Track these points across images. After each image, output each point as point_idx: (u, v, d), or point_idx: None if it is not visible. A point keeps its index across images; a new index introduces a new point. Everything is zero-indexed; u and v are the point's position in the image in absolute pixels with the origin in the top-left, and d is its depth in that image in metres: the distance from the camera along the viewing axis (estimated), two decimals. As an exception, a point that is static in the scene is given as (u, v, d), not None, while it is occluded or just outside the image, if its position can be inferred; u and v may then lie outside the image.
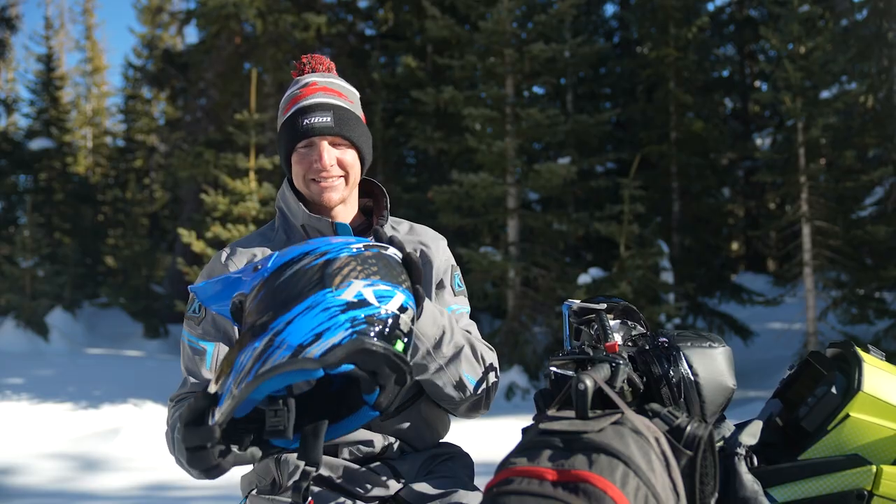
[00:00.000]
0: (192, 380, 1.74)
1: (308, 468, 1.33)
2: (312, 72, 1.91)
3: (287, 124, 1.82)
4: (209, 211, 10.48)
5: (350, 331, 1.24)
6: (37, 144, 18.20)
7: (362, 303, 1.27)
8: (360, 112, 1.89)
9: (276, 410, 1.26)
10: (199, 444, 1.25)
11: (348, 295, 1.27)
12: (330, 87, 1.85)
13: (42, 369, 10.37)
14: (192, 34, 47.75)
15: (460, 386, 1.70)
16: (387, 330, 1.28)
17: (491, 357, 1.80)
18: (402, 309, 1.32)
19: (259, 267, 1.34)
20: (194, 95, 16.77)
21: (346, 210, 1.88)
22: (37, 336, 12.68)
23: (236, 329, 1.27)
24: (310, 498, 1.39)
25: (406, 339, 1.32)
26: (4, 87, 26.19)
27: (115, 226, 19.03)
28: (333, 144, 1.80)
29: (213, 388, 1.27)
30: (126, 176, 20.61)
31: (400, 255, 1.40)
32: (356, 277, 1.29)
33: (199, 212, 12.75)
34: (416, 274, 1.39)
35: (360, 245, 1.35)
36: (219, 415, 1.23)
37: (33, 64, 24.98)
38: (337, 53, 14.61)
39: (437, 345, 1.63)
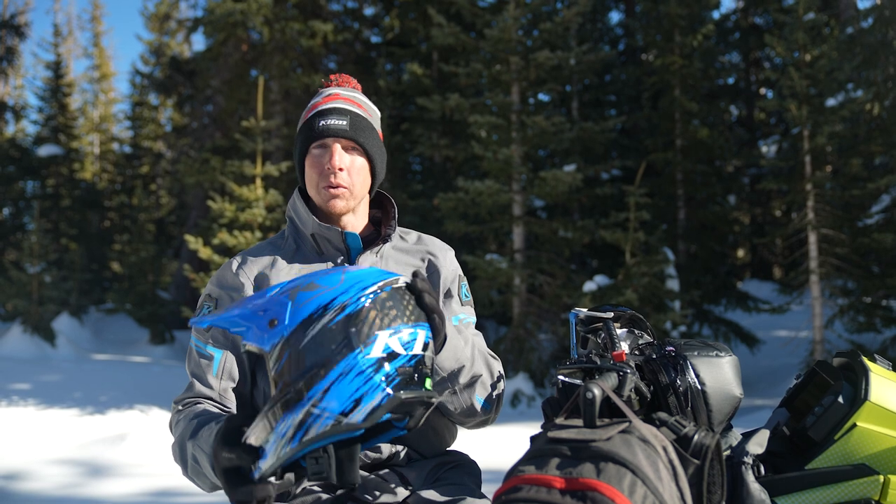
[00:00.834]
0: (198, 384, 1.74)
1: (348, 484, 1.36)
2: (338, 87, 1.93)
3: (304, 128, 1.84)
4: (216, 217, 10.51)
5: (386, 390, 1.28)
6: (45, 151, 18.27)
7: (391, 356, 1.30)
8: (378, 128, 1.91)
9: (317, 458, 1.30)
10: (245, 498, 1.31)
11: (377, 351, 1.29)
12: (351, 99, 1.87)
13: (48, 375, 10.39)
14: (199, 41, 48.05)
15: (471, 410, 1.73)
16: (416, 376, 1.33)
17: (500, 377, 1.82)
18: (425, 346, 1.36)
19: (276, 322, 1.31)
20: (201, 102, 16.84)
21: (356, 220, 1.89)
22: (43, 342, 12.71)
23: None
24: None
25: (431, 374, 1.37)
26: (13, 94, 26.34)
27: (122, 232, 19.10)
28: (346, 149, 1.82)
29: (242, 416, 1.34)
30: (133, 182, 20.68)
31: (408, 280, 1.42)
32: (380, 329, 1.31)
33: (206, 218, 12.78)
34: (430, 305, 1.40)
35: (375, 288, 1.35)
36: (265, 468, 1.28)
37: (41, 71, 25.15)
38: (343, 61, 14.68)
39: (455, 375, 1.65)
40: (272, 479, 1.33)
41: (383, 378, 1.28)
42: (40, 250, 13.66)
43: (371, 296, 1.33)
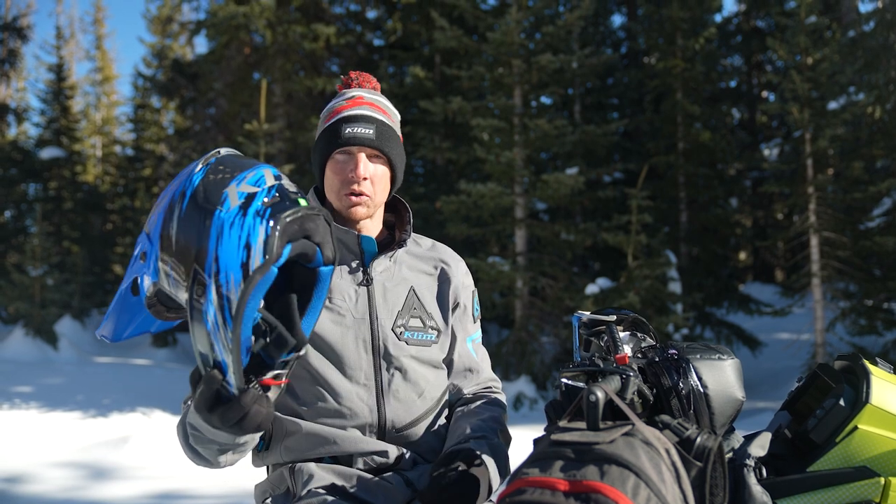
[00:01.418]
0: None
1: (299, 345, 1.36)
2: (359, 87, 1.92)
3: (328, 131, 1.83)
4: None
5: (264, 221, 1.27)
6: (47, 153, 18.29)
7: (249, 196, 1.29)
8: (399, 132, 1.92)
9: (263, 334, 1.31)
10: (239, 416, 1.30)
11: (234, 201, 1.28)
12: (375, 104, 1.87)
13: (51, 378, 10.40)
14: (201, 44, 48.09)
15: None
16: (287, 202, 1.31)
17: (505, 422, 1.89)
18: (278, 177, 1.36)
19: (144, 252, 1.32)
20: (203, 105, 16.86)
21: (372, 224, 1.90)
22: (45, 344, 12.72)
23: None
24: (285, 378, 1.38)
25: (301, 194, 1.36)
26: (15, 97, 26.39)
27: (124, 234, 19.10)
28: (370, 158, 1.82)
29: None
30: (135, 185, 20.69)
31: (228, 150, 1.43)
32: (224, 186, 1.30)
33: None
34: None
35: (200, 165, 1.36)
36: (234, 380, 1.26)
37: (44, 73, 25.23)
38: (345, 64, 14.69)
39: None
40: (251, 386, 1.31)
41: (256, 214, 1.27)
42: (42, 253, 13.67)
43: (200, 172, 1.34)
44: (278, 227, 1.26)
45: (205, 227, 1.26)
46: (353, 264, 1.83)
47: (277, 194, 1.31)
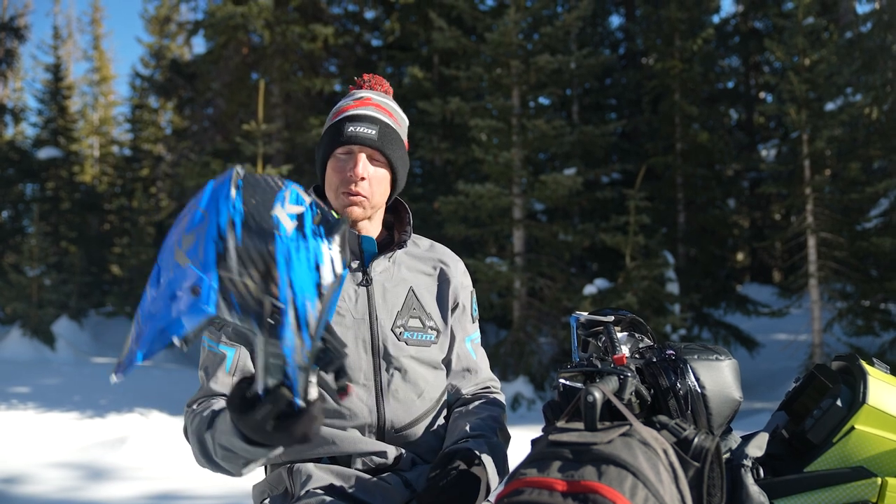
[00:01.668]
0: (210, 383, 1.73)
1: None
2: (370, 89, 1.92)
3: (331, 130, 1.84)
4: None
5: (324, 240, 1.29)
6: (44, 153, 18.27)
7: (300, 217, 1.30)
8: (405, 137, 1.91)
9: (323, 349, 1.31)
10: (306, 430, 1.30)
11: (288, 224, 1.29)
12: (382, 106, 1.87)
13: (48, 378, 10.39)
14: (199, 44, 48.08)
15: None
16: (325, 214, 1.34)
17: (504, 422, 1.89)
18: (306, 192, 1.37)
19: (198, 288, 1.24)
20: (201, 105, 16.85)
21: (371, 225, 1.90)
22: (43, 345, 12.71)
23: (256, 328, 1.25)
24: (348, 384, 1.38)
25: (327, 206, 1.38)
26: (12, 97, 26.36)
27: (122, 235, 19.09)
28: (371, 159, 1.82)
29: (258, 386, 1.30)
30: (133, 185, 20.67)
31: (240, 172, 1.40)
32: (270, 209, 1.30)
33: (206, 221, 12.76)
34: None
35: (232, 189, 1.31)
36: (302, 391, 1.27)
37: (41, 73, 25.17)
38: (344, 64, 14.69)
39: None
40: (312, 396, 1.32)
41: (314, 234, 1.30)
42: (40, 253, 13.66)
43: (237, 197, 1.30)
44: (337, 244, 1.31)
45: (269, 254, 1.26)
46: (354, 265, 1.84)
47: (319, 211, 1.34)
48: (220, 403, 1.67)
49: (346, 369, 1.34)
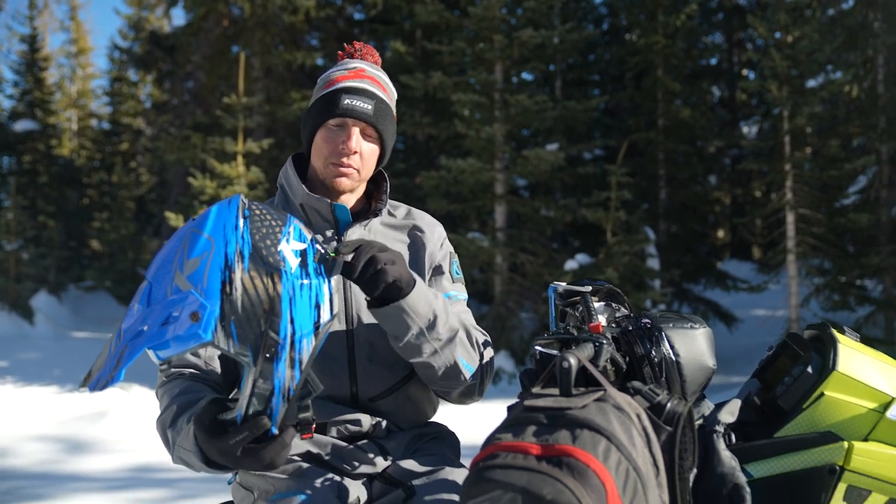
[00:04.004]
0: (185, 353, 1.73)
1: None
2: (361, 59, 1.90)
3: (325, 99, 1.80)
4: (196, 195, 10.44)
5: (325, 279, 1.37)
6: (20, 126, 18.04)
7: (303, 254, 1.36)
8: (395, 111, 1.90)
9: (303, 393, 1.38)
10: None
11: (293, 260, 1.34)
12: (376, 79, 1.85)
13: (27, 352, 10.34)
14: (178, 16, 47.38)
15: (455, 370, 1.70)
16: (326, 252, 1.41)
17: (488, 346, 1.81)
18: (305, 226, 1.43)
19: (198, 314, 1.23)
20: (181, 78, 16.64)
21: (353, 196, 1.89)
22: (21, 319, 12.64)
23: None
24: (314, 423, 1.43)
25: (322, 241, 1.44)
26: (-12, 68, 25.89)
27: (101, 209, 18.91)
28: (364, 133, 1.80)
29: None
30: (112, 159, 20.44)
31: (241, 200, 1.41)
32: (277, 244, 1.34)
33: (187, 195, 12.69)
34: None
35: (240, 218, 1.33)
36: (280, 421, 1.34)
37: (16, 44, 24.63)
38: (325, 37, 14.55)
39: (432, 325, 1.63)
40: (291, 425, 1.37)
41: (316, 272, 1.37)
42: (17, 227, 13.54)
43: (245, 229, 1.33)
44: (332, 284, 1.38)
45: (275, 289, 1.30)
46: (328, 233, 1.83)
47: (319, 248, 1.40)
48: (187, 382, 1.68)
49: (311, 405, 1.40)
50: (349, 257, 1.51)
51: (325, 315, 1.35)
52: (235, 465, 1.37)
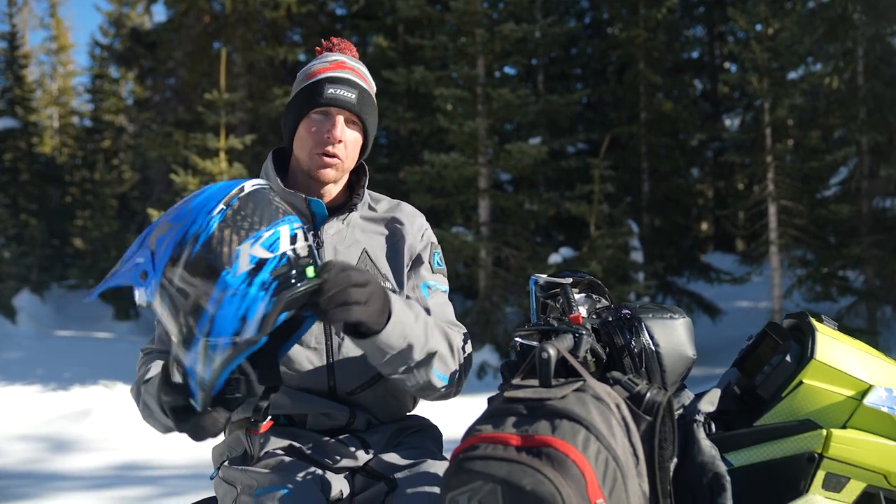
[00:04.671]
0: (159, 331, 1.83)
1: (270, 386, 1.45)
2: (340, 53, 1.89)
3: (308, 89, 1.79)
4: (179, 191, 10.38)
5: (267, 296, 1.29)
6: (1, 124, 17.87)
7: (260, 263, 1.30)
8: (376, 103, 1.90)
9: (233, 382, 1.36)
10: (192, 430, 1.41)
11: (243, 265, 1.29)
12: (358, 71, 1.85)
13: (10, 352, 10.26)
14: (159, 12, 46.93)
15: (428, 385, 1.66)
16: (293, 271, 1.33)
17: (466, 342, 1.78)
18: (294, 239, 1.36)
19: (146, 273, 1.33)
20: (163, 75, 16.53)
21: (336, 188, 1.88)
22: (4, 318, 12.52)
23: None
24: (269, 419, 1.50)
25: (311, 260, 1.37)
26: (-34, 66, 25.61)
27: (84, 207, 18.77)
28: (348, 122, 1.80)
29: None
30: (94, 156, 20.29)
31: (261, 183, 1.42)
32: (239, 243, 1.30)
33: (169, 192, 12.62)
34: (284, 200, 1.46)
35: (221, 206, 1.33)
36: (200, 402, 1.35)
37: (-4, 42, 24.44)
38: (307, 33, 14.49)
39: (406, 353, 1.57)
40: (214, 408, 1.38)
41: (260, 287, 1.29)
42: (-1, 226, 13.41)
43: (218, 216, 1.32)
44: (278, 307, 1.30)
45: (209, 284, 1.29)
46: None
47: (287, 264, 1.32)
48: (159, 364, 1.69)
49: (262, 408, 1.45)
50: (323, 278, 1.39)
51: (248, 331, 1.28)
52: (167, 420, 1.44)
